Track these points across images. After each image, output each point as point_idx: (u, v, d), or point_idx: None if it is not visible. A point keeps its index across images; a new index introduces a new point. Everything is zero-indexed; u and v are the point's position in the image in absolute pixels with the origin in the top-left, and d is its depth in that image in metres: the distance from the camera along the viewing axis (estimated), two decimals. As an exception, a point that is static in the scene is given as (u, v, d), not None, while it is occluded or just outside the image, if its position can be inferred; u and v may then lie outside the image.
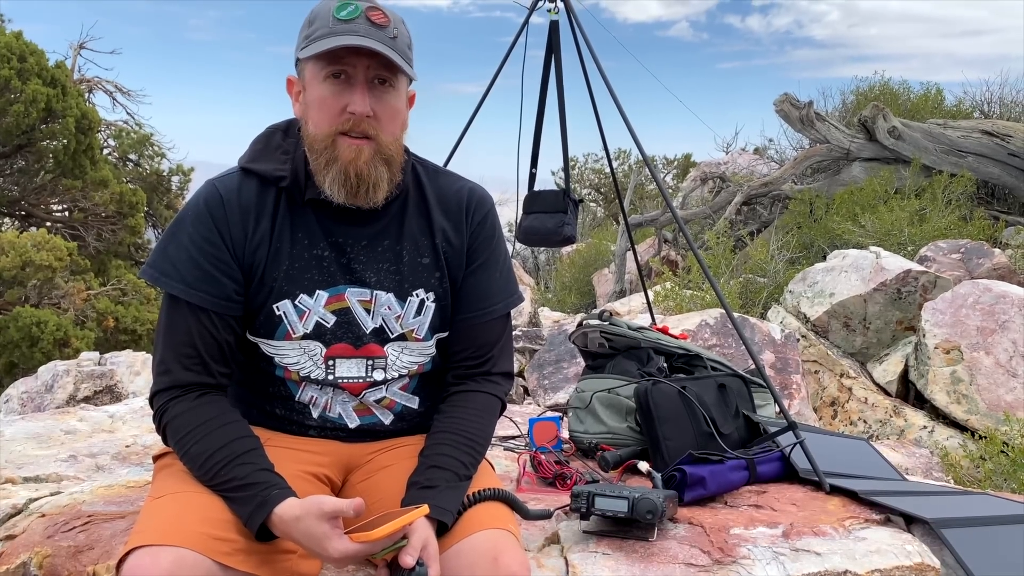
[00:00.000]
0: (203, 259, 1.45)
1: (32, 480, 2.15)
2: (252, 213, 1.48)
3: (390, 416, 1.60)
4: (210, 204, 1.47)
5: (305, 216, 1.50)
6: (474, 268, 1.59)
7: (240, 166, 1.52)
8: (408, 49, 1.47)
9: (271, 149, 1.53)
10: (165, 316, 1.47)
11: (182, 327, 1.45)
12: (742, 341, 2.39)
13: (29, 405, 4.77)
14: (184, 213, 1.49)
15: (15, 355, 8.27)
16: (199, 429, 1.40)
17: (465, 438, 1.50)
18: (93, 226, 10.86)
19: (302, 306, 1.49)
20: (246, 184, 1.49)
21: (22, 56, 9.85)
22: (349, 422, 1.58)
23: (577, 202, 3.09)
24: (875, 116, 9.36)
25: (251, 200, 1.48)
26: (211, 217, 1.46)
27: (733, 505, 1.97)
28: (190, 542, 1.25)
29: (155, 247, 1.50)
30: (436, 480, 1.41)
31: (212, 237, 1.45)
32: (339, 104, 1.42)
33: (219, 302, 1.45)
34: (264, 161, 1.51)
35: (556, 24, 2.91)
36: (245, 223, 1.47)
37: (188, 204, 1.50)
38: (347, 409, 1.57)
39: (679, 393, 2.19)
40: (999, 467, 3.75)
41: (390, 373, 1.56)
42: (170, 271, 1.44)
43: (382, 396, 1.58)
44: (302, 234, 1.50)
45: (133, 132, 14.89)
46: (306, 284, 1.49)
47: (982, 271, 6.26)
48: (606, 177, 15.67)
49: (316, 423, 1.57)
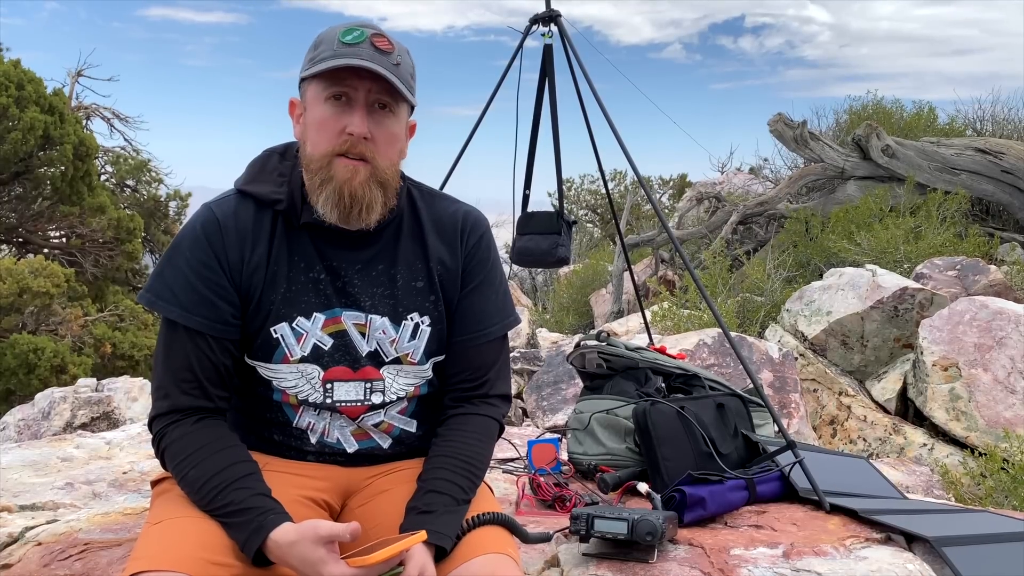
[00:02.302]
0: (200, 283, 1.45)
1: (28, 508, 2.14)
2: (249, 237, 1.48)
3: (388, 440, 1.60)
4: (207, 228, 1.47)
5: (301, 239, 1.51)
6: (469, 290, 1.59)
7: (236, 188, 1.52)
8: (411, 78, 1.49)
9: (267, 172, 1.54)
10: (163, 341, 1.47)
11: (180, 352, 1.45)
12: (740, 360, 2.39)
13: (26, 432, 4.74)
14: (181, 237, 1.49)
15: (12, 382, 8.24)
16: (197, 454, 1.40)
17: (463, 462, 1.50)
18: (91, 252, 10.86)
19: (300, 329, 1.49)
20: (243, 207, 1.50)
21: (20, 84, 9.90)
22: (347, 447, 1.57)
23: (571, 223, 3.11)
24: (869, 135, 9.42)
25: (248, 224, 1.49)
26: (208, 241, 1.46)
27: (733, 525, 1.97)
28: (187, 567, 1.24)
29: (152, 272, 1.50)
30: (434, 505, 1.41)
31: (209, 261, 1.46)
32: (338, 125, 1.43)
33: (216, 326, 1.45)
34: (260, 183, 1.52)
35: (550, 48, 2.94)
36: (242, 247, 1.47)
37: (184, 228, 1.51)
38: (345, 434, 1.57)
39: (678, 413, 2.19)
40: (1000, 484, 3.74)
41: (388, 396, 1.56)
42: (167, 295, 1.45)
43: (380, 420, 1.58)
44: (298, 257, 1.50)
45: (131, 158, 14.94)
46: (303, 307, 1.50)
47: (978, 288, 6.27)
48: (602, 198, 15.73)
49: (314, 448, 1.56)
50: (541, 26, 2.92)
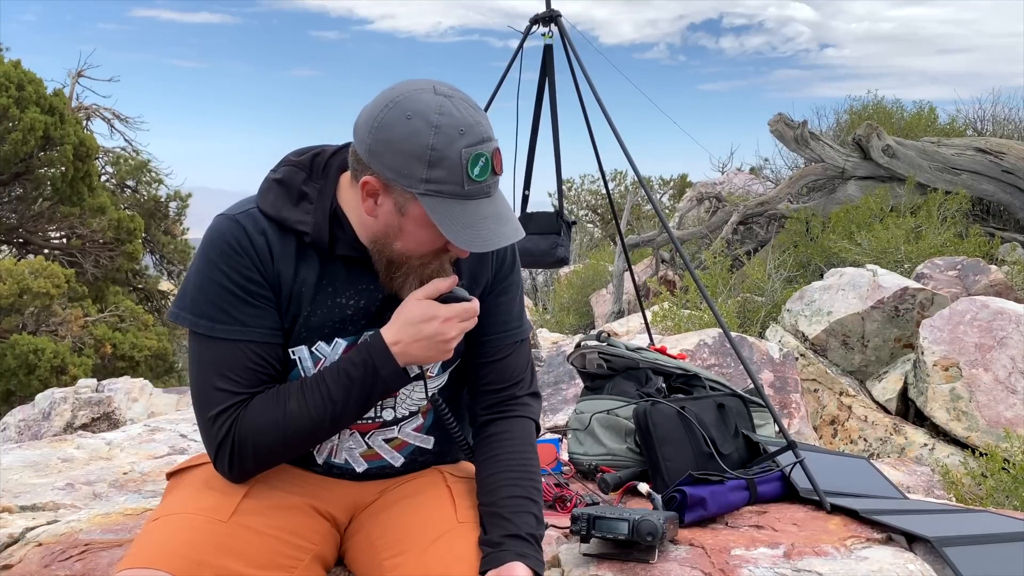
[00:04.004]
0: (247, 296, 1.38)
1: (29, 509, 2.14)
2: (276, 254, 1.40)
3: (400, 459, 1.57)
4: (241, 242, 1.38)
5: (332, 265, 1.43)
6: (496, 294, 1.56)
7: (259, 208, 1.41)
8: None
9: (292, 195, 1.42)
10: (216, 352, 1.38)
11: (240, 360, 1.38)
12: (740, 360, 2.39)
13: (26, 433, 4.74)
14: (213, 255, 1.38)
15: (12, 383, 8.24)
16: (280, 399, 1.38)
17: (529, 482, 1.48)
18: (91, 252, 10.85)
19: (318, 353, 1.45)
20: (269, 226, 1.40)
21: (20, 84, 9.90)
22: (356, 467, 1.55)
23: (570, 224, 3.11)
24: (869, 135, 9.43)
25: (275, 240, 1.40)
26: (245, 254, 1.38)
27: (734, 526, 1.97)
28: (173, 566, 1.24)
29: (191, 295, 1.39)
30: (525, 551, 1.38)
31: (250, 274, 1.38)
32: (440, 242, 1.36)
33: (275, 332, 1.41)
34: (284, 210, 1.41)
35: (550, 48, 2.94)
36: (272, 262, 1.40)
37: (213, 244, 1.39)
38: (354, 455, 1.54)
39: (678, 414, 2.19)
40: (1000, 484, 3.74)
41: (399, 412, 1.54)
42: (223, 318, 1.37)
43: (393, 436, 1.55)
44: (327, 281, 1.43)
45: (131, 158, 14.93)
46: (326, 332, 1.45)
47: (979, 288, 6.27)
48: (603, 198, 15.73)
49: (321, 468, 1.54)
50: (541, 26, 2.93)
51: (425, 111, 1.28)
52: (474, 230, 1.30)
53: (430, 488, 1.53)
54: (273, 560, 1.36)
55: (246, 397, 1.39)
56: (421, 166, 1.28)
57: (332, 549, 1.51)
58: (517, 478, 1.46)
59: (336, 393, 1.38)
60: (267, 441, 1.38)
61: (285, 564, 1.38)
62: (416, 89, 1.31)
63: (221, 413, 1.38)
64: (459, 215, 1.29)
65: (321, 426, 1.40)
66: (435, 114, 1.27)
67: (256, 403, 1.38)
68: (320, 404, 1.38)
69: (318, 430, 1.41)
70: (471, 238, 1.30)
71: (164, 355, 10.06)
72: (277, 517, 1.42)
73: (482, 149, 1.29)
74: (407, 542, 1.41)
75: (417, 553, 1.38)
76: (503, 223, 1.33)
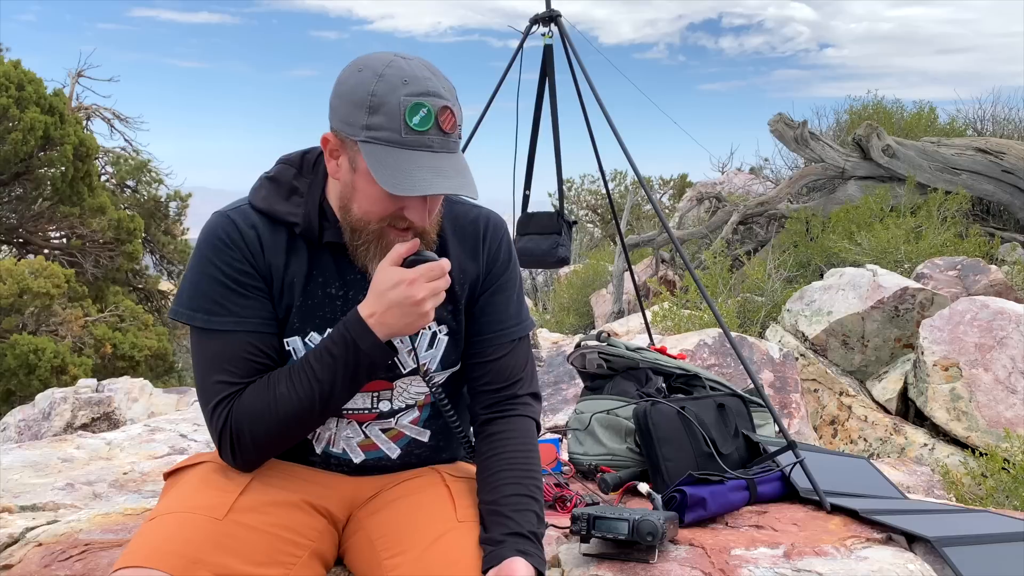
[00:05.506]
0: (240, 288, 1.41)
1: (29, 509, 2.14)
2: (268, 247, 1.44)
3: (397, 450, 1.58)
4: (231, 235, 1.42)
5: (321, 256, 1.47)
6: (491, 292, 1.57)
7: (250, 202, 1.47)
8: (461, 129, 1.38)
9: (283, 190, 1.47)
10: (213, 345, 1.42)
11: (236, 351, 1.42)
12: (740, 361, 2.39)
13: (26, 433, 4.74)
14: (206, 251, 1.43)
15: (12, 383, 8.24)
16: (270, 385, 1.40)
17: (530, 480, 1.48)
18: (91, 252, 10.86)
19: (312, 343, 1.46)
20: (260, 220, 1.45)
21: (20, 84, 9.90)
22: (354, 457, 1.56)
23: (571, 224, 3.11)
24: (869, 135, 9.43)
25: (266, 234, 1.44)
26: (235, 247, 1.42)
27: (734, 526, 1.97)
28: (171, 565, 1.25)
29: (188, 292, 1.43)
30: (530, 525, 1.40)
31: (242, 266, 1.42)
32: (395, 205, 1.36)
33: (269, 323, 1.44)
34: (274, 202, 1.45)
35: (550, 48, 2.94)
36: (264, 254, 1.44)
37: (207, 240, 1.44)
38: (351, 444, 1.55)
39: (678, 414, 2.19)
40: (1000, 484, 3.74)
41: (396, 404, 1.54)
42: (218, 310, 1.41)
43: (390, 427, 1.56)
44: (316, 272, 1.46)
45: (131, 158, 14.93)
46: (318, 322, 1.47)
47: (979, 288, 6.27)
48: (603, 198, 15.73)
49: (319, 458, 1.55)
50: (541, 26, 2.93)
51: (376, 64, 1.32)
52: (405, 174, 1.28)
53: (429, 487, 1.53)
54: (270, 557, 1.36)
55: (242, 387, 1.41)
56: (362, 112, 1.30)
57: (330, 546, 1.52)
58: (518, 476, 1.46)
59: (321, 373, 1.39)
60: (262, 427, 1.40)
61: (283, 561, 1.38)
62: (379, 52, 1.35)
63: (220, 403, 1.41)
64: (393, 161, 1.29)
65: (312, 408, 1.41)
66: (383, 66, 1.31)
67: (249, 390, 1.41)
68: (307, 385, 1.39)
69: (310, 412, 1.42)
70: (399, 181, 1.28)
71: (164, 355, 10.06)
72: (274, 514, 1.42)
73: (424, 100, 1.29)
74: (407, 542, 1.41)
75: (417, 553, 1.38)
76: (442, 175, 1.30)
